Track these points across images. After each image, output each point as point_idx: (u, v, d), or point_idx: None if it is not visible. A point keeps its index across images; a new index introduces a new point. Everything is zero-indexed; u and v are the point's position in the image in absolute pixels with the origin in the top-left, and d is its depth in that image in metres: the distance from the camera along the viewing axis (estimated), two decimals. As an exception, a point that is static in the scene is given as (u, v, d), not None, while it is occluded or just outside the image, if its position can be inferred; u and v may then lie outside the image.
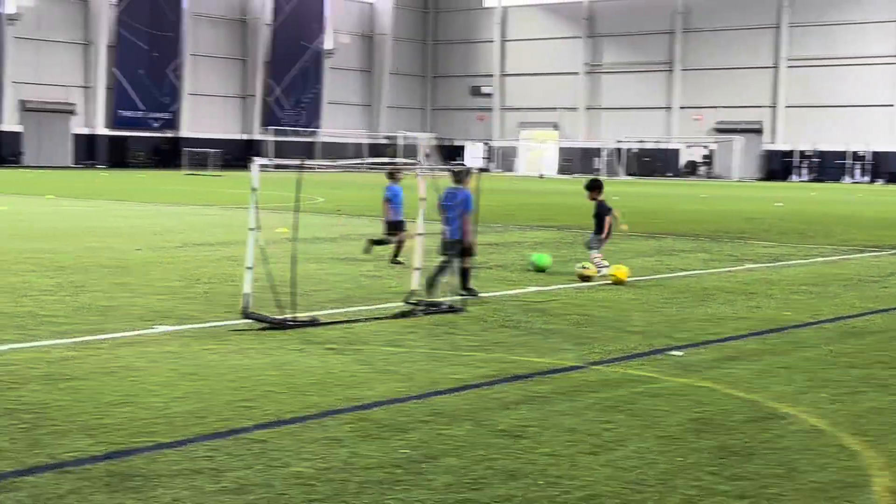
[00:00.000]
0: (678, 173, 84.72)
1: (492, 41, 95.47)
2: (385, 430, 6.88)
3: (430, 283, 12.78)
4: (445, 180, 13.32)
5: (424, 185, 12.40)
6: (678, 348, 10.00)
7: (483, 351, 9.69)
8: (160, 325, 10.63)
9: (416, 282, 12.61)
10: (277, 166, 11.45)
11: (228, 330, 10.43)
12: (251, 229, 11.03)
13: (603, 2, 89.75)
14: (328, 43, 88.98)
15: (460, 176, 13.33)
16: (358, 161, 19.51)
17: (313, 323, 10.79)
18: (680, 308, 12.64)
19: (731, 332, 11.09)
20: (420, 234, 12.51)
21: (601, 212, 16.05)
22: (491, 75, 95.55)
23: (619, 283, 14.60)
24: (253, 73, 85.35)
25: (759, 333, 11.01)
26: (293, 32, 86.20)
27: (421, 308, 11.82)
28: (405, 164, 14.37)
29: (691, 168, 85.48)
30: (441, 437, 6.77)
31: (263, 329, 10.45)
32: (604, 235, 15.96)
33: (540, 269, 15.98)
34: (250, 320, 10.83)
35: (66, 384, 7.95)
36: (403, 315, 11.49)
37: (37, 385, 7.89)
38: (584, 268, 15.19)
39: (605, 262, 15.60)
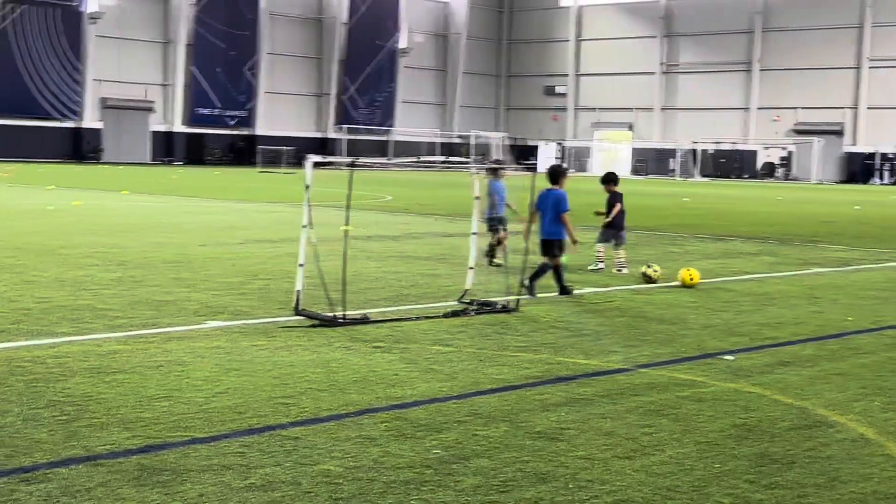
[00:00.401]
0: (755, 175, 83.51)
1: (567, 40, 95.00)
2: (420, 430, 6.84)
3: (530, 284, 12.86)
4: (541, 180, 13.21)
5: (478, 184, 12.33)
6: (731, 352, 9.82)
7: (531, 352, 9.61)
8: (212, 320, 10.71)
9: (470, 281, 12.57)
10: (329, 164, 11.46)
11: (279, 326, 10.47)
12: (304, 226, 11.09)
13: (680, 1, 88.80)
14: (403, 42, 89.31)
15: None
16: (412, 159, 19.59)
17: (364, 321, 10.79)
18: (738, 312, 12.42)
19: (789, 336, 10.85)
20: (474, 234, 12.45)
21: (613, 200, 16.43)
22: (565, 75, 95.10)
23: (686, 286, 14.30)
24: (328, 71, 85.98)
25: (818, 339, 10.76)
26: (368, 31, 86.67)
27: (473, 308, 11.76)
28: (459, 162, 14.28)
29: (769, 170, 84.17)
30: (475, 437, 6.71)
31: (314, 326, 10.47)
32: (609, 220, 16.42)
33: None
34: (302, 317, 10.88)
35: (112, 377, 8.04)
36: (455, 314, 11.44)
37: (83, 378, 7.99)
38: (649, 266, 15.00)
39: (603, 263, 16.16)
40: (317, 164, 11.17)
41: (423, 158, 15.46)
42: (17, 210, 25.40)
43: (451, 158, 16.38)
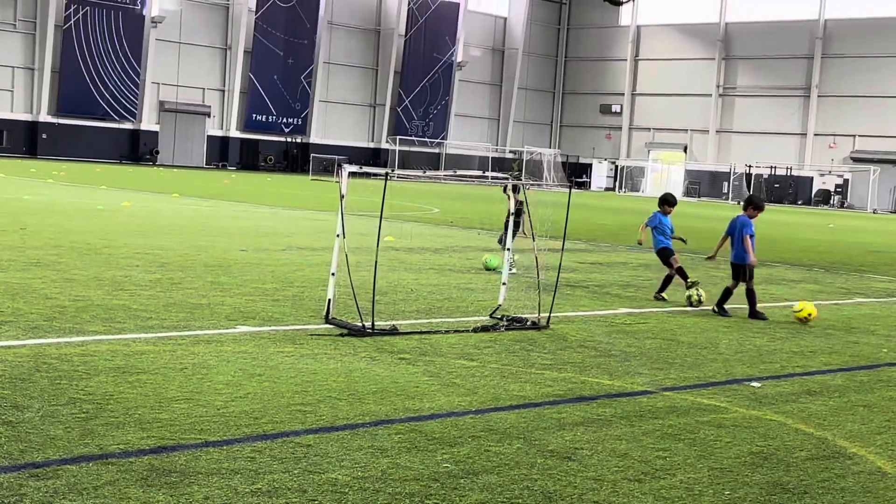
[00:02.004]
0: (809, 202, 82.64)
1: (624, 59, 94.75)
2: (433, 443, 6.85)
3: (720, 308, 13.65)
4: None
5: (514, 200, 12.33)
6: (758, 379, 9.72)
7: (555, 370, 9.58)
8: (243, 325, 10.80)
9: (503, 296, 12.57)
10: (365, 173, 11.53)
11: (308, 334, 10.53)
12: (338, 235, 11.16)
13: (740, 24, 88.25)
14: (459, 55, 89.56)
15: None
16: (448, 172, 19.63)
17: (392, 332, 10.82)
18: (771, 339, 12.29)
19: (819, 366, 10.73)
20: (508, 249, 12.45)
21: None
22: (621, 94, 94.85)
23: (801, 319, 13.73)
24: (383, 82, 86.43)
25: (849, 369, 10.63)
26: (425, 44, 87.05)
27: (504, 323, 11.75)
28: (495, 177, 14.25)
29: (823, 197, 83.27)
30: (487, 453, 6.71)
31: (342, 335, 10.52)
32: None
33: (490, 269, 16.92)
34: (331, 326, 10.95)
35: (135, 377, 8.14)
36: (485, 329, 11.44)
37: (106, 377, 8.09)
38: (696, 289, 14.80)
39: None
40: (353, 174, 11.24)
41: (458, 171, 15.47)
42: (67, 209, 25.79)
43: (488, 173, 16.21)
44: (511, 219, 12.49)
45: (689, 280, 15.22)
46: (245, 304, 12.15)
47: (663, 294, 15.31)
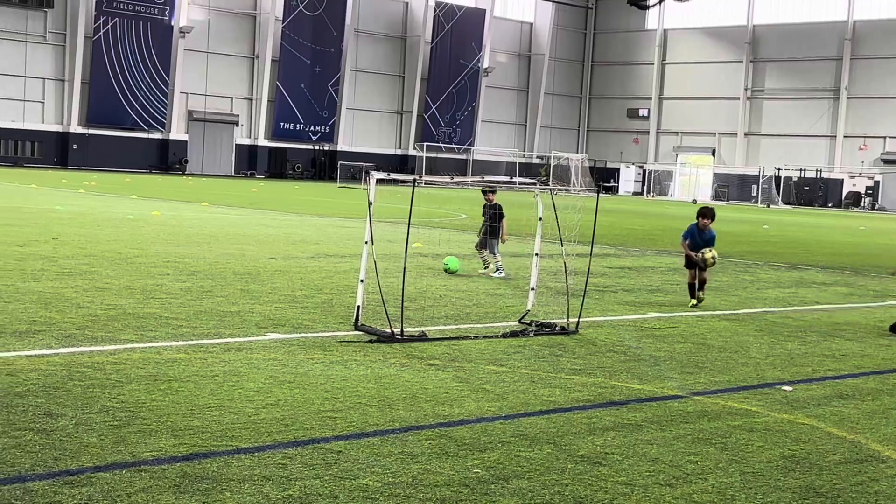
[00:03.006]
0: (840, 204, 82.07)
1: (651, 63, 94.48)
2: (463, 449, 6.86)
3: None
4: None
5: (542, 205, 12.33)
6: (790, 383, 9.67)
7: (584, 374, 9.57)
8: (273, 332, 10.85)
9: (531, 302, 12.56)
10: (392, 180, 11.57)
11: (337, 341, 10.57)
12: (366, 242, 11.19)
13: (767, 26, 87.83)
14: (485, 61, 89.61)
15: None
16: (476, 178, 19.68)
17: (422, 338, 10.84)
18: (803, 342, 12.22)
19: (852, 369, 10.66)
20: (537, 255, 12.45)
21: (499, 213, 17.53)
22: (648, 98, 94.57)
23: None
24: (410, 89, 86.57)
25: (882, 373, 10.55)
26: (452, 50, 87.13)
27: (533, 329, 11.75)
28: (522, 182, 14.25)
29: (854, 199, 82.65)
30: (517, 458, 6.71)
31: (372, 342, 10.55)
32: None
33: (451, 272, 16.96)
34: (361, 332, 10.98)
35: (167, 385, 8.19)
36: (514, 334, 11.44)
37: (138, 384, 8.15)
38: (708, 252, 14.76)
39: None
40: (380, 181, 11.28)
41: (486, 177, 15.61)
42: (98, 219, 25.98)
43: (515, 178, 16.28)
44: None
45: (695, 297, 14.90)
46: (275, 312, 12.20)
47: (700, 294, 15.01)
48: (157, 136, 75.00)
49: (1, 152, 69.35)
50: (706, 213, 15.08)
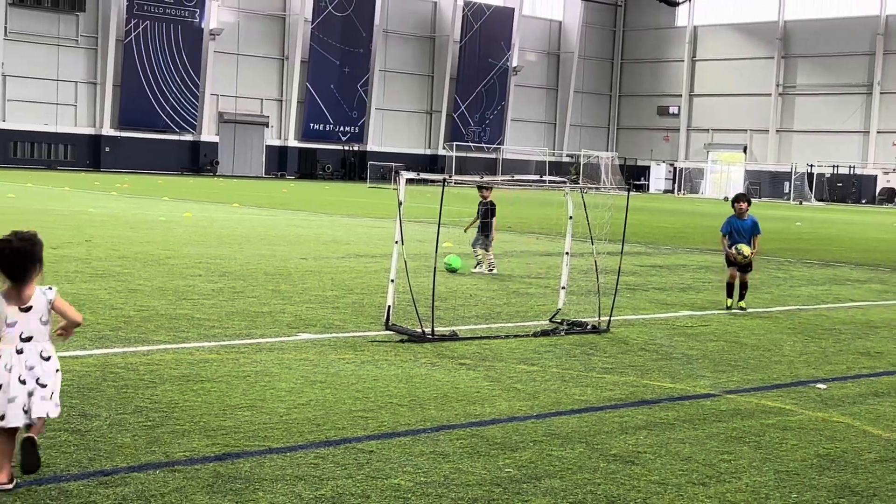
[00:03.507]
0: (873, 201, 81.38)
1: (681, 60, 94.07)
2: (495, 448, 6.85)
3: None
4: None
5: (572, 203, 12.30)
6: (824, 381, 9.59)
7: (616, 373, 9.53)
8: (304, 332, 10.88)
9: (562, 300, 12.53)
10: (422, 180, 11.57)
11: (368, 341, 10.58)
12: (396, 242, 11.20)
13: (799, 22, 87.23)
14: (514, 60, 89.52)
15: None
16: (505, 177, 19.80)
17: (452, 338, 10.84)
18: (837, 340, 12.12)
19: (887, 367, 10.56)
20: (567, 254, 12.42)
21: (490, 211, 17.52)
22: (679, 95, 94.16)
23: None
24: (439, 89, 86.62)
25: (917, 370, 10.45)
26: (480, 50, 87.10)
27: (564, 327, 11.72)
28: (552, 181, 14.23)
29: (888, 196, 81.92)
30: (549, 458, 6.69)
31: (402, 342, 10.56)
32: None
33: (452, 270, 16.82)
34: (392, 332, 10.99)
35: (199, 385, 8.23)
36: (545, 333, 11.41)
37: (171, 385, 8.20)
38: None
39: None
40: (410, 181, 11.28)
41: (517, 177, 15.64)
42: (130, 220, 26.15)
43: (546, 177, 16.26)
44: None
45: (731, 298, 14.28)
46: (306, 312, 12.23)
47: (741, 302, 14.23)
48: (188, 138, 75.43)
49: (35, 155, 69.99)
50: (740, 196, 14.50)
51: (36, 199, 33.52)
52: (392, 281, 11.26)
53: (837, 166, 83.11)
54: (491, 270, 17.16)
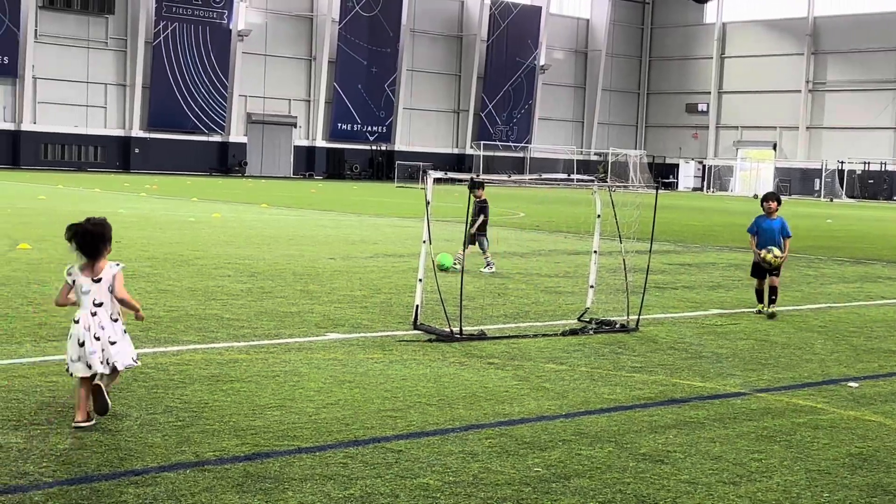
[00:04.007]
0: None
1: (710, 57, 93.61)
2: (524, 448, 6.84)
3: None
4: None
5: (600, 202, 12.26)
6: (856, 379, 9.52)
7: (645, 372, 9.50)
8: (332, 332, 10.90)
9: (590, 299, 12.50)
10: (450, 179, 11.56)
11: (396, 340, 10.59)
12: (424, 241, 11.21)
13: (829, 18, 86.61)
14: (542, 59, 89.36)
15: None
16: (533, 176, 19.66)
17: (481, 337, 10.83)
18: (868, 338, 12.03)
19: (919, 365, 10.46)
20: (595, 252, 12.38)
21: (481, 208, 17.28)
22: (707, 92, 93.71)
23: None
24: (467, 88, 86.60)
25: (951, 368, 10.34)
26: (508, 48, 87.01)
27: (592, 326, 11.68)
28: (580, 180, 14.17)
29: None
30: (578, 457, 6.67)
31: (431, 341, 10.56)
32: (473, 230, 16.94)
33: (443, 269, 16.20)
34: (420, 332, 10.99)
35: (229, 385, 8.26)
36: (573, 332, 11.38)
37: (201, 385, 8.23)
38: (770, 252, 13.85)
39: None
40: (438, 181, 11.28)
41: (544, 175, 15.53)
42: (160, 221, 26.30)
43: (573, 176, 16.17)
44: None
45: (759, 305, 13.68)
46: (334, 312, 12.26)
47: (770, 309, 13.46)
48: (216, 138, 75.77)
49: (65, 157, 70.53)
50: (770, 195, 13.93)
51: (67, 201, 33.76)
52: (420, 280, 11.27)
53: (868, 163, 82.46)
54: (488, 267, 16.94)
